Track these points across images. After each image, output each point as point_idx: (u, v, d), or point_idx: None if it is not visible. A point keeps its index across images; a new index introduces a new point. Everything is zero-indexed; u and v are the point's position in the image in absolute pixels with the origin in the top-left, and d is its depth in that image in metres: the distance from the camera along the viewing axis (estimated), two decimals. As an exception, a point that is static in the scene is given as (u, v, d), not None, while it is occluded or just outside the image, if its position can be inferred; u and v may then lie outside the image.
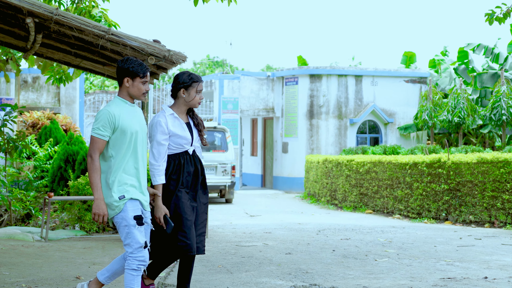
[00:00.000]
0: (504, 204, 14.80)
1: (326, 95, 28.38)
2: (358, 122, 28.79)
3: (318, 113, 28.40)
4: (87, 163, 5.76)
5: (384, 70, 29.31)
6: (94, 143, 5.76)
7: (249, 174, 32.82)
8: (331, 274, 8.80)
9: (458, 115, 25.32)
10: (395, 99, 29.37)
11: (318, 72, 28.44)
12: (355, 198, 19.78)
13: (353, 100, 28.84)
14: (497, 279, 8.46)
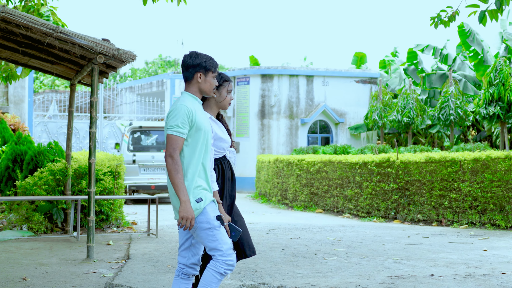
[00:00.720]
0: (451, 203, 15.02)
1: (277, 95, 28.46)
2: (309, 122, 28.93)
3: (269, 113, 28.47)
4: (167, 164, 5.26)
5: (335, 71, 29.50)
6: (174, 142, 5.29)
7: (201, 174, 32.72)
8: (280, 273, 8.83)
9: (407, 115, 25.62)
10: (346, 99, 29.59)
11: (270, 72, 28.51)
12: (305, 197, 19.87)
13: (304, 100, 28.97)
14: (443, 277, 8.58)
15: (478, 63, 27.20)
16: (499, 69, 22.11)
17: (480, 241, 12.36)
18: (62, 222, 13.02)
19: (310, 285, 8.03)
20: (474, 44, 27.07)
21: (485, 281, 8.23)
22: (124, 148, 21.88)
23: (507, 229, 14.01)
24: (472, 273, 8.80)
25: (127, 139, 22.10)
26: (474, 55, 27.34)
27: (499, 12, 8.55)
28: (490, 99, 22.25)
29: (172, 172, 5.24)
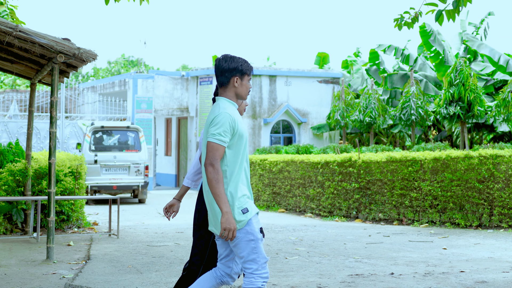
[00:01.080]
0: (412, 202, 15.16)
1: (240, 95, 28.42)
2: (272, 122, 28.98)
3: (232, 112, 28.43)
4: (207, 173, 5.07)
5: (298, 71, 29.59)
6: (215, 151, 5.10)
7: (163, 174, 32.63)
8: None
9: (369, 115, 25.78)
10: (309, 99, 29.69)
11: (232, 72, 28.46)
12: (268, 197, 19.91)
13: (267, 100, 29.01)
14: (403, 275, 8.66)
15: (439, 63, 27.47)
16: (459, 70, 22.35)
17: (440, 239, 12.49)
18: (22, 223, 12.88)
19: (271, 285, 8.05)
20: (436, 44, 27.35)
21: (444, 279, 8.33)
22: (86, 148, 21.72)
23: (466, 227, 14.17)
24: (431, 271, 8.90)
25: (89, 139, 21.94)
26: (435, 56, 27.62)
27: (456, 12, 8.64)
28: (450, 99, 22.48)
29: (213, 181, 5.06)
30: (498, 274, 8.61)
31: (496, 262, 9.71)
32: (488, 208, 14.02)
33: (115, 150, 22.16)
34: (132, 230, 13.99)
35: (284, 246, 11.48)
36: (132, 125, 22.55)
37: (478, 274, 8.69)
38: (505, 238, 12.47)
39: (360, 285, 8.04)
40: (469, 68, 22.79)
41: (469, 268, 9.19)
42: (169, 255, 10.45)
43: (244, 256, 5.18)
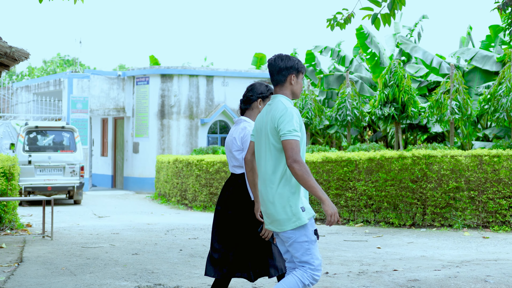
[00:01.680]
0: (347, 202, 15.31)
1: (177, 95, 28.36)
2: (209, 122, 28.95)
3: (169, 113, 28.33)
4: (295, 170, 5.03)
5: (235, 71, 29.62)
6: (295, 146, 5.09)
7: (99, 174, 32.29)
8: (176, 274, 8.81)
9: (306, 116, 25.95)
10: (246, 99, 29.70)
11: (170, 72, 28.38)
12: (205, 197, 19.88)
13: (204, 100, 28.97)
14: (338, 274, 8.75)
15: (374, 65, 27.83)
16: (394, 71, 22.68)
17: (374, 239, 12.65)
18: (-48, 225, 12.59)
19: (206, 285, 8.04)
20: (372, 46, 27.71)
21: (377, 278, 8.43)
22: (20, 148, 21.36)
23: (400, 227, 14.38)
24: (365, 270, 9.00)
25: (23, 139, 21.58)
26: (371, 57, 27.97)
27: (392, 15, 8.75)
28: (385, 100, 22.80)
29: (304, 175, 5.04)
30: (430, 273, 8.76)
31: (428, 261, 9.88)
32: (421, 207, 14.25)
33: (49, 151, 21.84)
34: (67, 232, 13.80)
35: (220, 247, 11.46)
36: (67, 125, 22.26)
37: (410, 272, 8.83)
38: (437, 237, 12.69)
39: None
40: (403, 70, 23.14)
41: (402, 266, 9.33)
42: (104, 256, 10.35)
43: (298, 257, 5.26)
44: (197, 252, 10.83)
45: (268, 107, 5.42)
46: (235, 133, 6.29)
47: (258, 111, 6.31)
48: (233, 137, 6.29)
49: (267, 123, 5.32)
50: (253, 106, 6.38)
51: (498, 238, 12.41)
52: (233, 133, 6.32)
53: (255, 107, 6.36)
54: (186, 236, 13.03)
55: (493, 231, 13.32)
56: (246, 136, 6.18)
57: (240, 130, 6.27)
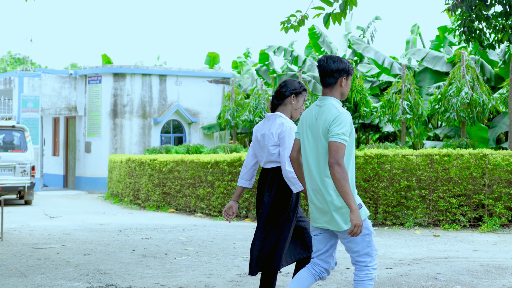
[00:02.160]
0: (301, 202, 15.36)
1: (130, 94, 28.18)
2: (162, 122, 28.82)
3: (122, 112, 28.14)
4: (335, 172, 5.12)
5: (188, 70, 29.54)
6: (341, 150, 5.17)
7: (51, 174, 31.93)
8: (129, 274, 8.75)
9: (259, 115, 26.00)
10: (199, 99, 29.68)
11: (122, 71, 28.18)
12: (158, 197, 19.79)
13: (157, 100, 28.83)
14: (290, 273, 8.77)
15: (327, 64, 27.95)
16: (346, 71, 22.84)
17: (327, 237, 12.71)
18: None
19: (159, 285, 8.01)
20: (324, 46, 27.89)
21: (330, 277, 8.49)
22: (-32, 148, 21.01)
23: (352, 225, 14.48)
24: (318, 269, 9.04)
25: (-28, 139, 21.23)
26: (323, 57, 28.08)
27: (343, 15, 8.82)
28: (338, 100, 22.97)
29: (341, 180, 5.12)
30: (382, 271, 8.85)
31: (380, 259, 9.97)
32: (373, 206, 14.38)
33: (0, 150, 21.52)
34: (17, 233, 13.62)
35: (173, 247, 11.44)
36: (17, 125, 21.95)
37: (363, 270, 8.89)
38: (389, 236, 12.83)
39: (248, 283, 8.10)
40: (356, 69, 23.33)
41: (354, 265, 9.40)
42: (56, 257, 10.23)
43: (359, 250, 5.36)
44: (150, 252, 10.77)
45: (317, 108, 5.47)
46: (272, 128, 6.36)
47: (291, 107, 6.45)
48: (270, 132, 6.36)
49: (319, 125, 5.38)
50: (286, 102, 6.48)
51: (448, 236, 12.59)
52: (270, 128, 6.39)
53: (288, 103, 6.47)
54: (139, 236, 12.96)
55: (444, 229, 13.51)
56: (283, 132, 6.28)
57: (278, 125, 6.36)
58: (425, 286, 7.91)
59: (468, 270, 8.70)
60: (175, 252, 10.75)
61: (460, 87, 19.73)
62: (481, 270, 8.71)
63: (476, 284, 8.02)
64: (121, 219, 17.17)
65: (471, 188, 13.61)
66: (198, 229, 14.24)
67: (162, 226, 14.85)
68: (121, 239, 12.58)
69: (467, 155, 13.71)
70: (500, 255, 10.12)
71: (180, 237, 12.77)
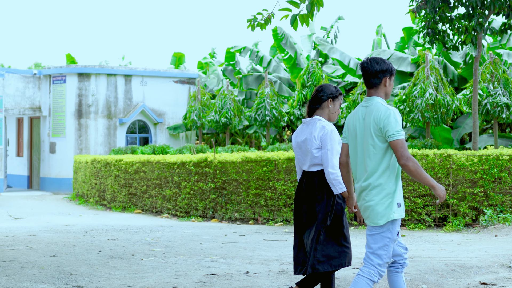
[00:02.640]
0: (267, 201, 15.42)
1: (95, 94, 28.00)
2: (127, 122, 28.68)
3: (87, 112, 27.95)
4: (409, 167, 5.41)
5: (154, 70, 29.43)
6: (404, 145, 5.45)
7: (15, 175, 31.59)
8: (96, 275, 8.71)
9: (225, 116, 26.01)
10: (165, 99, 29.59)
11: (87, 71, 28.00)
12: (124, 198, 19.70)
13: (122, 100, 28.68)
14: (258, 273, 8.80)
15: (292, 65, 28.08)
16: (312, 72, 22.96)
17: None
18: None
19: (126, 286, 7.98)
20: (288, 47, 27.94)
21: (297, 277, 8.52)
22: None
23: (319, 225, 14.55)
24: (285, 269, 9.09)
25: None
26: (288, 58, 28.21)
27: (310, 16, 8.86)
28: (303, 101, 23.05)
29: (418, 170, 5.42)
30: (349, 270, 8.90)
31: (346, 259, 10.02)
32: (339, 206, 14.46)
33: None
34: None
35: (140, 247, 11.40)
36: (-20, 125, 21.69)
37: (329, 270, 8.94)
38: (355, 236, 12.90)
39: (215, 284, 8.11)
40: (321, 70, 23.45)
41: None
42: (21, 259, 10.14)
43: (373, 248, 5.58)
44: (116, 253, 10.73)
45: (363, 108, 5.69)
46: (314, 132, 6.55)
47: (328, 111, 6.65)
48: (312, 136, 6.54)
49: (368, 124, 5.59)
50: (323, 106, 6.67)
51: (414, 236, 12.71)
52: (311, 132, 6.57)
53: (325, 107, 6.66)
54: (105, 237, 12.90)
55: (409, 229, 13.64)
56: (325, 134, 6.48)
57: (319, 129, 6.55)
58: (391, 285, 7.98)
59: (433, 269, 8.80)
60: (141, 253, 10.72)
61: (424, 88, 19.92)
62: (446, 270, 8.82)
63: (442, 283, 8.12)
64: (87, 220, 17.07)
65: (436, 188, 13.73)
66: (165, 230, 14.21)
67: (129, 227, 14.79)
68: (87, 240, 12.51)
69: (432, 155, 13.86)
70: (464, 255, 10.25)
71: (146, 238, 12.73)
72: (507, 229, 12.88)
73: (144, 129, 29.54)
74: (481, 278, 8.51)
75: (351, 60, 26.27)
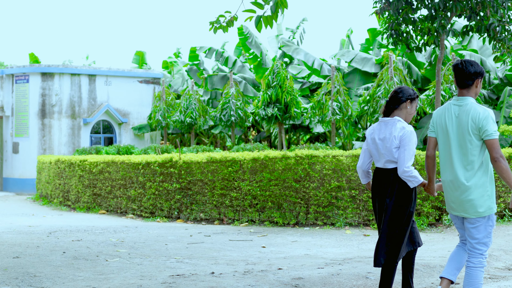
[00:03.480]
0: (232, 202, 15.43)
1: (59, 94, 27.78)
2: (92, 122, 28.50)
3: (50, 112, 27.72)
4: (501, 164, 5.97)
5: (118, 70, 29.29)
6: (498, 144, 6.01)
7: (-23, 175, 31.22)
8: (60, 277, 8.66)
9: (190, 116, 25.97)
10: (129, 99, 29.47)
11: (50, 70, 27.77)
12: (88, 198, 19.57)
13: (87, 100, 28.50)
14: (223, 274, 8.82)
15: (257, 65, 28.13)
16: (277, 72, 23.02)
17: (259, 238, 12.81)
18: None
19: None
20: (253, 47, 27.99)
21: (262, 277, 8.56)
22: None
23: (284, 226, 14.62)
24: (251, 270, 9.11)
25: None
26: (253, 58, 28.26)
27: (274, 18, 8.89)
28: (268, 101, 23.10)
29: (507, 169, 5.96)
30: (314, 270, 8.96)
31: (312, 259, 10.10)
32: (304, 206, 14.54)
33: None
34: None
35: (104, 248, 11.35)
36: None
37: (295, 271, 9.00)
38: (320, 235, 12.99)
39: (181, 285, 8.10)
40: (286, 71, 23.52)
41: (286, 265, 9.50)
42: (-16, 261, 10.04)
43: (479, 238, 6.17)
44: (81, 254, 10.66)
45: (456, 107, 6.24)
46: (394, 131, 6.87)
47: (405, 112, 7.00)
48: (392, 135, 6.86)
49: (466, 122, 6.13)
50: (402, 107, 7.00)
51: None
52: (391, 132, 6.88)
53: (403, 108, 6.99)
54: (70, 238, 12.81)
55: (374, 228, 13.74)
56: (405, 135, 6.81)
57: (399, 129, 6.88)
58: (356, 285, 8.06)
59: (397, 268, 8.88)
60: (106, 254, 10.67)
61: (388, 89, 20.09)
62: (409, 269, 8.90)
63: (405, 282, 8.19)
64: (50, 221, 16.94)
65: (400, 188, 13.86)
66: (130, 231, 14.16)
67: (93, 228, 14.71)
68: (51, 241, 12.42)
69: (396, 155, 13.96)
70: (428, 254, 10.36)
71: (111, 239, 12.68)
72: (469, 228, 13.03)
73: (109, 129, 29.37)
74: (444, 277, 8.61)
75: (315, 61, 26.39)
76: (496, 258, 9.89)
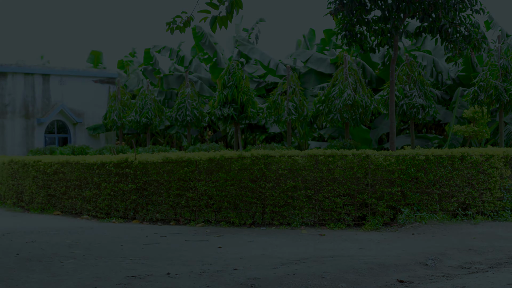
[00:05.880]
0: (188, 202, 15.40)
1: (11, 93, 27.44)
2: (46, 122, 28.22)
3: (3, 112, 27.37)
4: None
5: (73, 70, 29.05)
6: None
7: None
8: (13, 279, 8.55)
9: (145, 116, 25.86)
10: (84, 99, 29.24)
11: (3, 69, 27.41)
12: (43, 199, 19.36)
13: (40, 100, 28.21)
14: (179, 275, 8.80)
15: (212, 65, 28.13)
16: (233, 72, 23.03)
17: (215, 238, 12.80)
18: None
19: (46, 290, 7.87)
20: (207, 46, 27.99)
21: (218, 277, 8.56)
22: None
23: (240, 226, 14.63)
24: (207, 270, 9.11)
25: None
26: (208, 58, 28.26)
27: (229, 19, 8.89)
28: (224, 101, 23.09)
29: None
30: (270, 270, 8.99)
31: (268, 259, 10.12)
32: (260, 206, 14.57)
33: None
34: None
35: (59, 250, 11.24)
36: None
37: (251, 271, 9.02)
38: (277, 235, 13.02)
39: (136, 286, 8.07)
40: (242, 71, 23.54)
41: (242, 265, 9.51)
42: None
43: None
44: (34, 256, 10.55)
45: None
46: None
47: None
48: None
49: None
50: None
51: (334, 235, 12.89)
52: None
53: None
54: (23, 240, 12.66)
55: (329, 228, 13.83)
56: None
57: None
58: (311, 285, 8.10)
59: (353, 268, 8.96)
60: (61, 256, 10.57)
61: (343, 89, 20.24)
62: (365, 268, 8.99)
63: (361, 281, 8.28)
64: (3, 222, 16.71)
65: (355, 188, 13.99)
66: (85, 232, 14.04)
67: (48, 229, 14.55)
68: (4, 243, 12.26)
69: (351, 155, 14.09)
70: (383, 253, 10.47)
71: (66, 240, 12.56)
72: (423, 227, 13.20)
73: (63, 129, 29.10)
74: (399, 276, 8.72)
75: (271, 61, 26.48)
76: (449, 257, 10.04)
